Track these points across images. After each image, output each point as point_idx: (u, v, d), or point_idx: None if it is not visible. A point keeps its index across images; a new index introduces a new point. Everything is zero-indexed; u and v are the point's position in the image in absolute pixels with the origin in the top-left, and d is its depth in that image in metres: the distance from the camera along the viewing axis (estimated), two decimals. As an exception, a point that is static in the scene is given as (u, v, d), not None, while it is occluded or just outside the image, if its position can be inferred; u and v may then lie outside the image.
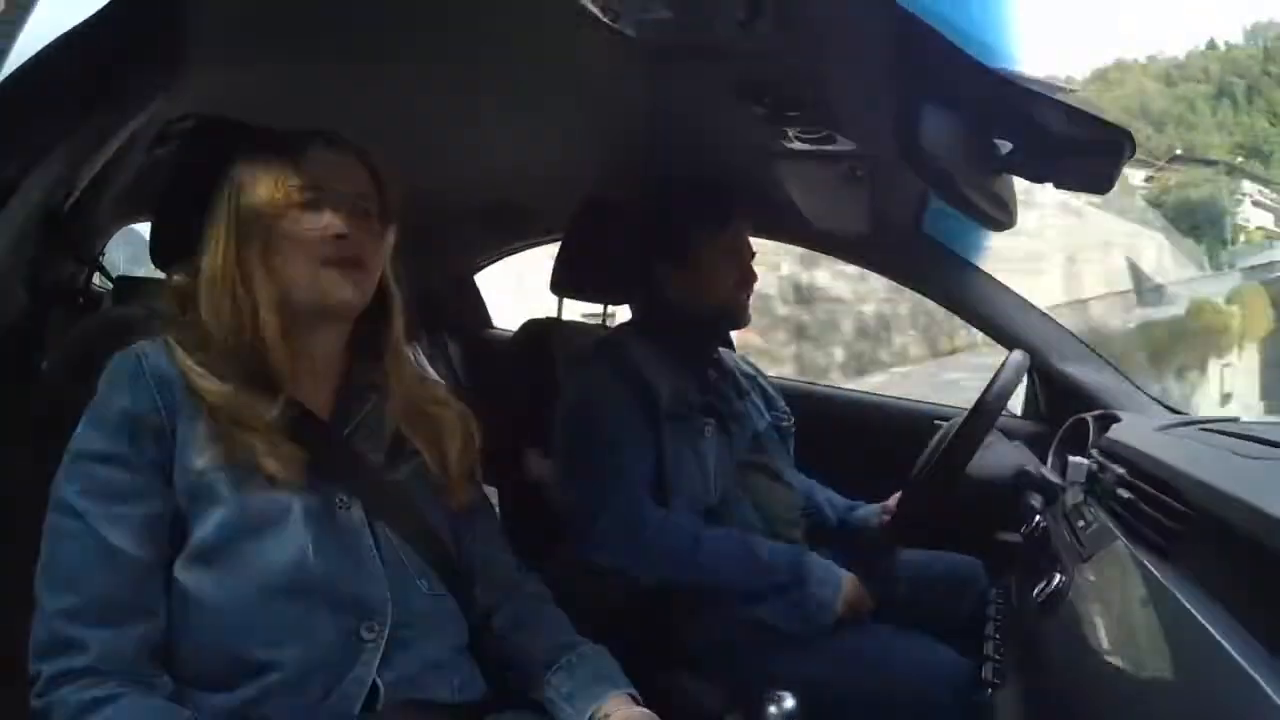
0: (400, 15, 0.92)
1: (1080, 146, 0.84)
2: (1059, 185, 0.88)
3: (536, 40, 0.96)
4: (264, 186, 0.75)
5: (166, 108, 0.92)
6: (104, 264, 1.48)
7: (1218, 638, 0.47)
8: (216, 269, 0.75)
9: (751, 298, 1.30)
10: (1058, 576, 0.69)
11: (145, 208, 1.10)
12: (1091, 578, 0.65)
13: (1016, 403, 1.47)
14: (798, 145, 1.09)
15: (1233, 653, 0.45)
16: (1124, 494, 0.70)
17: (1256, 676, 0.42)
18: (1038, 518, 0.94)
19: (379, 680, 0.70)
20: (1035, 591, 0.70)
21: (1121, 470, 0.75)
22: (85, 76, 0.80)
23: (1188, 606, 0.51)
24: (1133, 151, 0.83)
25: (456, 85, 1.12)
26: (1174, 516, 0.60)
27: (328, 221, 0.75)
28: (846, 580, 1.10)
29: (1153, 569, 0.58)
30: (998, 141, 0.89)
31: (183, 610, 0.68)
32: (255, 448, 0.69)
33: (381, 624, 0.71)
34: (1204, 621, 0.49)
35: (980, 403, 1.01)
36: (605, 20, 0.82)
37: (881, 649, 1.05)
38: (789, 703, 0.98)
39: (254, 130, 0.82)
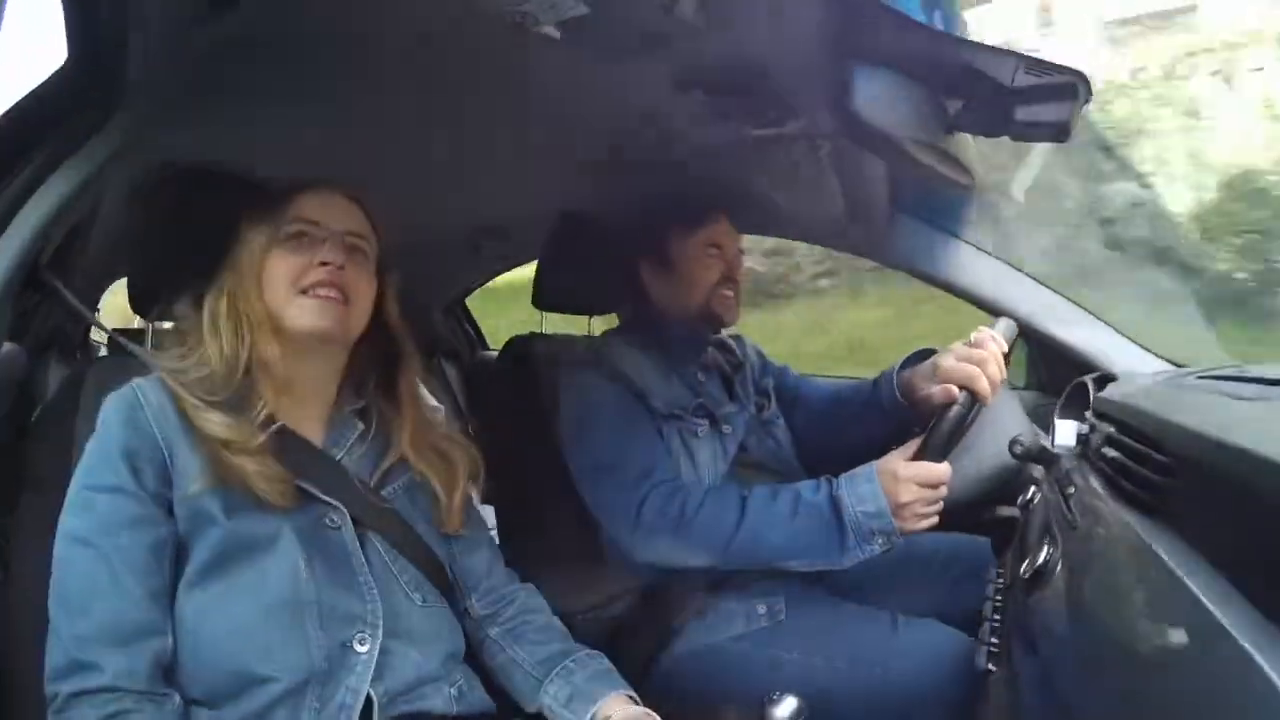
0: (358, 60, 0.92)
1: (1033, 95, 0.81)
2: (1015, 138, 0.84)
3: (487, 70, 0.96)
4: (263, 233, 0.80)
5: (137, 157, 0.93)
6: (99, 318, 1.49)
7: (1203, 599, 0.41)
8: (219, 307, 0.79)
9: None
10: (1045, 550, 0.64)
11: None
12: (1079, 546, 0.60)
13: (1019, 374, 1.41)
14: (755, 133, 1.07)
15: (1219, 617, 0.39)
16: (1110, 452, 0.65)
17: (1246, 644, 0.36)
18: (1033, 489, 0.89)
19: (373, 692, 0.72)
20: (1023, 568, 0.65)
21: (1110, 428, 0.70)
22: (35, 137, 0.81)
23: (1172, 566, 0.46)
24: (1089, 96, 0.79)
25: (424, 127, 1.12)
26: (1158, 469, 0.55)
27: (317, 254, 0.79)
28: (888, 482, 0.94)
29: (1138, 529, 0.53)
30: (947, 100, 0.86)
31: (186, 631, 0.71)
32: (246, 471, 0.72)
33: (373, 636, 0.73)
34: (1188, 582, 0.44)
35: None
36: (527, 25, 0.81)
37: (887, 639, 0.99)
38: (790, 702, 0.93)
39: (253, 186, 0.85)
